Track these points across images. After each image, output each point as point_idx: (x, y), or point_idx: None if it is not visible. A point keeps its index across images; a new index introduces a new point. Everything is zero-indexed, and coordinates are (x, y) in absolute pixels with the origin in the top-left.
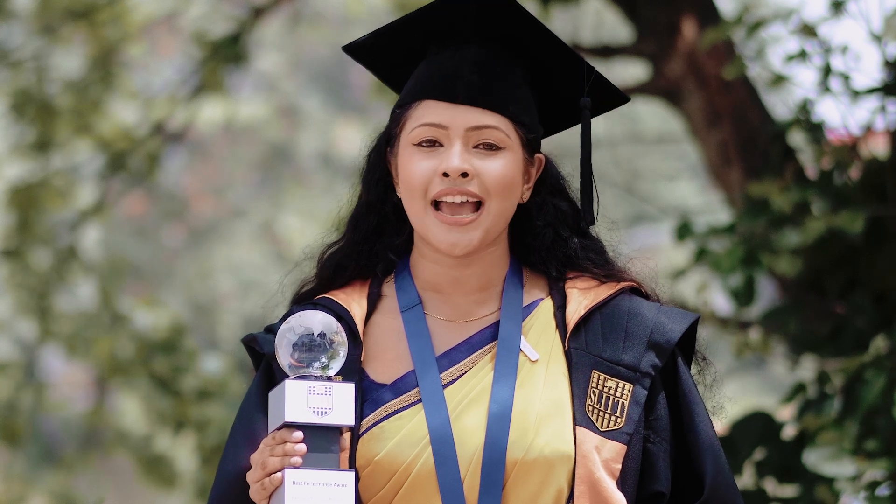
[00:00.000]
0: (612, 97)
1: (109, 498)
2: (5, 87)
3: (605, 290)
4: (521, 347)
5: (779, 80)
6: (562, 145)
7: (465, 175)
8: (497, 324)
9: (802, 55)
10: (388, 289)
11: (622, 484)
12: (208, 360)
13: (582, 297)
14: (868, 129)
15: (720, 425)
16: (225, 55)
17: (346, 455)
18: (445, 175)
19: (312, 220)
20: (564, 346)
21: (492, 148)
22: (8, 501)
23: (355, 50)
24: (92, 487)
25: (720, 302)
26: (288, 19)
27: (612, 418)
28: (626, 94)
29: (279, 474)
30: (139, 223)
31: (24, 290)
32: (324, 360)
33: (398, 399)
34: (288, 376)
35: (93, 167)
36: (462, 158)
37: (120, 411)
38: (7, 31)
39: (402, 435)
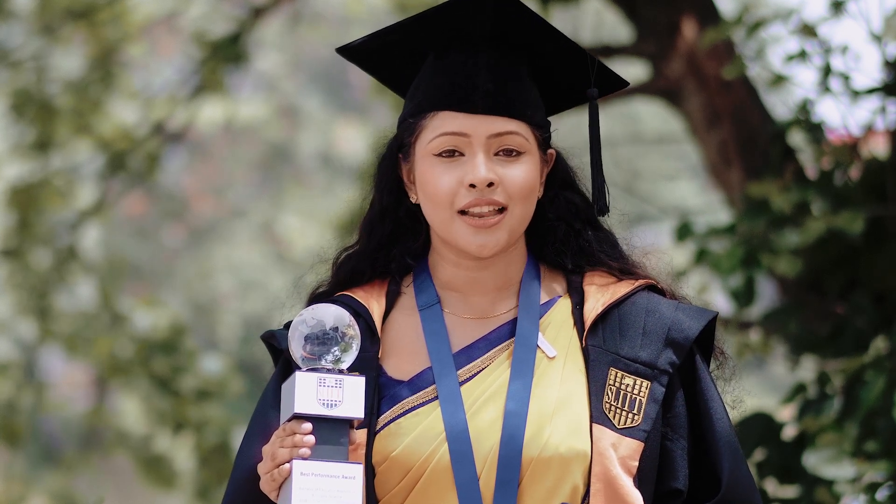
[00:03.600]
0: (613, 83)
1: (109, 498)
2: (5, 87)
3: (623, 288)
4: (539, 344)
5: (779, 80)
6: (568, 141)
7: (490, 185)
8: (515, 321)
9: (802, 55)
10: (407, 287)
11: (639, 481)
12: (208, 361)
13: (599, 295)
14: (868, 129)
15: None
16: (225, 55)
17: (362, 451)
18: (472, 186)
19: (312, 220)
20: (582, 344)
21: (512, 153)
22: (8, 501)
23: (351, 52)
24: (92, 487)
25: (720, 302)
26: (288, 19)
27: (630, 416)
28: (625, 80)
29: (288, 465)
30: (139, 223)
31: (24, 290)
32: (336, 352)
33: (415, 396)
34: (301, 369)
35: (93, 167)
36: (487, 168)
37: (120, 411)
38: (7, 31)
39: (418, 431)
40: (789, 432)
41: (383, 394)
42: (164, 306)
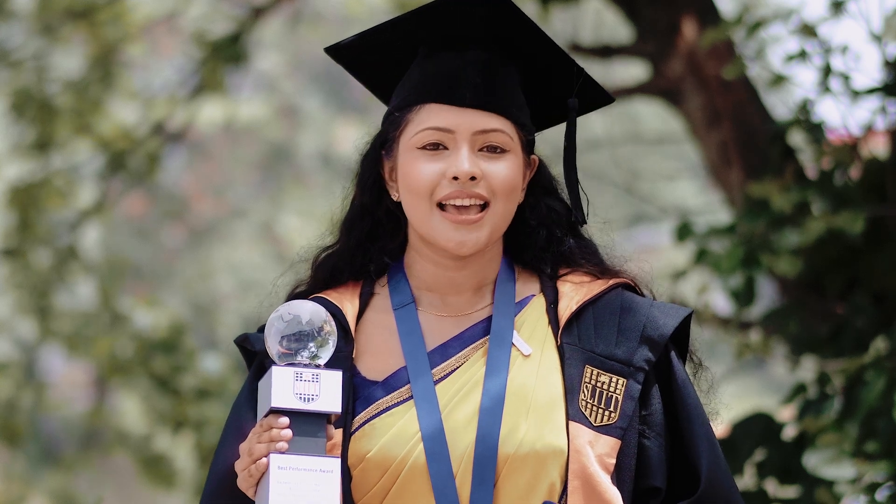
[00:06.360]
0: (599, 97)
1: (109, 498)
2: (5, 87)
3: (598, 286)
4: (514, 342)
5: (779, 80)
6: (556, 146)
7: (473, 178)
8: (489, 319)
9: (802, 55)
10: (381, 287)
11: (617, 479)
12: (208, 360)
13: (574, 293)
14: (868, 129)
15: (719, 427)
16: (225, 55)
17: (338, 452)
18: (455, 178)
19: (312, 220)
20: (557, 342)
21: (496, 150)
22: (8, 501)
23: (339, 51)
24: (92, 487)
25: (720, 303)
26: (288, 19)
27: (606, 413)
28: (612, 95)
29: (265, 460)
30: (139, 223)
31: (24, 290)
32: (312, 348)
33: (390, 396)
34: (278, 365)
35: (93, 167)
36: (471, 162)
37: (120, 411)
38: (7, 31)
39: (393, 432)
40: (789, 432)
41: (358, 394)
42: (164, 306)
